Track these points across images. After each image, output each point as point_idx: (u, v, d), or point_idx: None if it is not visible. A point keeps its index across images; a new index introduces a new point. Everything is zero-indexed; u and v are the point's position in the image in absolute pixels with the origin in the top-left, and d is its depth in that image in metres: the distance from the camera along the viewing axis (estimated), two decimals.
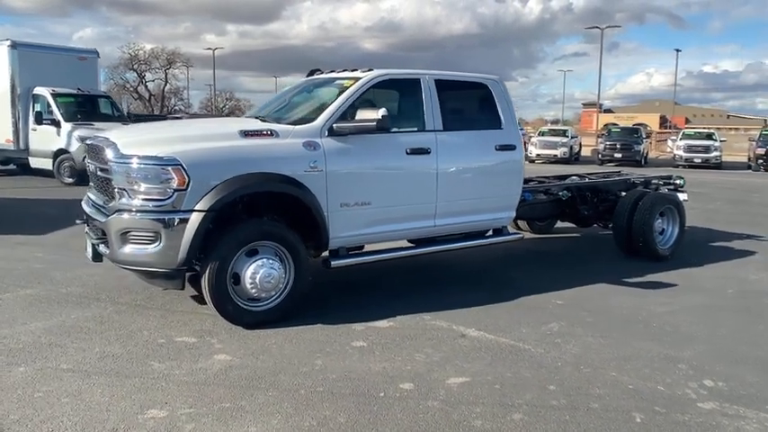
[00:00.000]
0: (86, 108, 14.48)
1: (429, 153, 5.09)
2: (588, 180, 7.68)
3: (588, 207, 7.14)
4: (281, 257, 4.40)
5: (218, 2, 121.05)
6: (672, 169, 20.40)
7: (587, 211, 7.13)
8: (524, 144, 7.88)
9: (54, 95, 13.83)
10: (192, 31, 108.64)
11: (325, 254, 4.83)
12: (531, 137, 27.55)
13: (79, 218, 5.03)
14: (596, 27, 39.41)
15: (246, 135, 4.45)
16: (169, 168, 4.05)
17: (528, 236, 7.34)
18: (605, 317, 4.78)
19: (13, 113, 14.08)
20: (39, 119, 13.78)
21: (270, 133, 4.53)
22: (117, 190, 4.21)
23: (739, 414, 3.23)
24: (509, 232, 5.97)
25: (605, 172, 9.35)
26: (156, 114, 40.85)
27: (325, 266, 4.76)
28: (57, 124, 13.56)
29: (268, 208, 4.57)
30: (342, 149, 4.66)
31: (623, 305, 5.09)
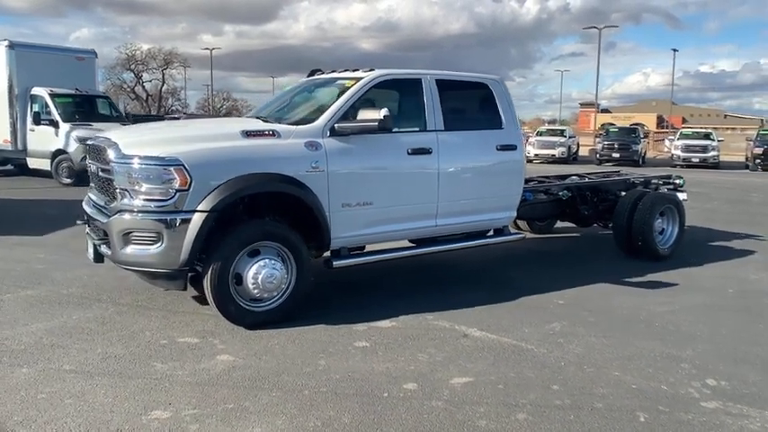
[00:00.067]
0: (84, 108, 14.44)
1: (430, 153, 5.09)
2: (588, 180, 7.69)
3: (588, 207, 7.16)
4: (283, 258, 4.39)
5: (215, 2, 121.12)
6: (670, 169, 20.42)
7: (587, 210, 7.14)
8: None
9: (52, 96, 13.78)
10: (189, 32, 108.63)
11: (327, 254, 4.83)
12: (529, 137, 27.57)
13: (80, 218, 5.02)
14: (594, 27, 39.56)
15: (248, 135, 4.44)
16: (171, 169, 4.04)
17: (528, 236, 7.34)
18: (607, 316, 4.79)
19: (11, 114, 14.04)
20: (37, 119, 13.76)
21: (272, 133, 4.53)
22: (119, 190, 4.20)
23: (743, 413, 3.24)
24: (510, 232, 5.97)
25: (605, 172, 9.36)
26: (154, 115, 40.81)
27: (327, 267, 4.75)
28: (55, 125, 13.53)
29: (269, 208, 4.57)
30: (343, 149, 4.65)
31: (624, 305, 5.10)
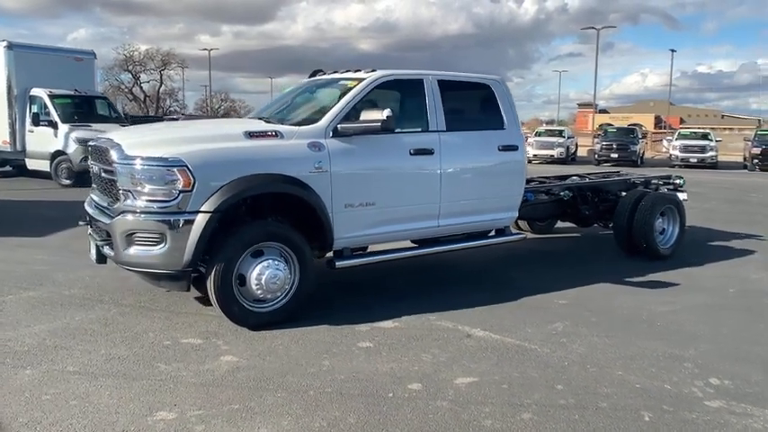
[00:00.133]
0: (83, 109, 14.41)
1: (432, 153, 5.10)
2: (589, 180, 7.70)
3: (589, 207, 7.17)
4: (286, 258, 4.39)
5: (212, 2, 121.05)
6: (668, 169, 20.47)
7: (588, 211, 7.15)
8: None
9: (51, 97, 13.76)
10: (186, 32, 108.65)
11: (330, 255, 4.83)
12: (527, 137, 27.59)
13: (82, 219, 5.01)
14: (592, 27, 39.63)
15: (251, 136, 4.44)
16: (174, 169, 4.04)
17: (529, 236, 7.35)
18: (609, 316, 4.80)
19: (10, 115, 14.02)
20: (36, 120, 13.74)
21: (274, 134, 4.53)
22: (122, 191, 4.19)
23: (746, 412, 3.25)
24: (511, 232, 5.98)
25: (605, 172, 9.37)
26: (152, 116, 40.76)
27: (330, 267, 4.76)
28: (54, 126, 13.49)
29: (272, 209, 4.57)
30: (346, 150, 4.65)
31: (626, 305, 5.11)
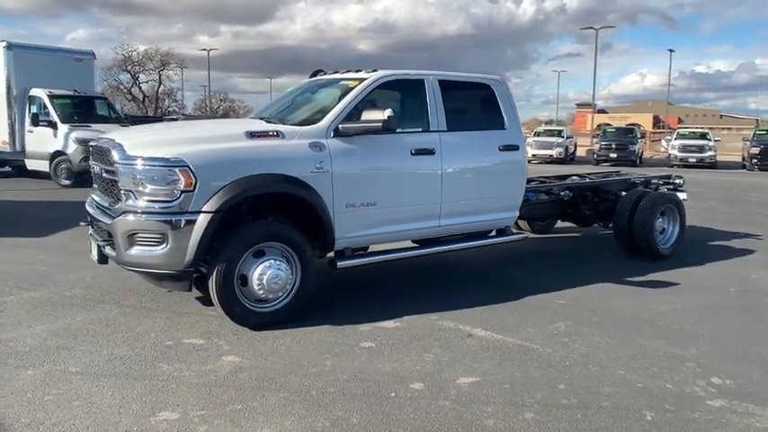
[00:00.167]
0: (83, 109, 14.41)
1: (434, 154, 5.10)
2: (589, 180, 7.71)
3: (589, 207, 7.17)
4: (287, 259, 4.39)
5: (211, 2, 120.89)
6: (667, 169, 20.49)
7: (588, 210, 7.16)
8: None
9: (50, 97, 13.76)
10: (185, 32, 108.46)
11: (331, 255, 4.83)
12: (527, 137, 27.59)
13: (83, 220, 5.01)
14: (591, 28, 39.63)
15: (253, 136, 4.44)
16: (176, 170, 4.04)
17: (529, 236, 7.35)
18: (610, 316, 4.81)
19: (9, 115, 14.01)
20: (35, 120, 13.74)
21: (276, 134, 4.53)
22: (123, 191, 4.19)
23: (748, 411, 3.26)
24: (512, 232, 5.99)
25: (605, 172, 9.38)
26: (152, 116, 40.73)
27: (331, 267, 4.75)
28: (53, 126, 13.49)
29: (273, 209, 4.57)
30: (347, 150, 4.66)
31: (626, 304, 5.12)
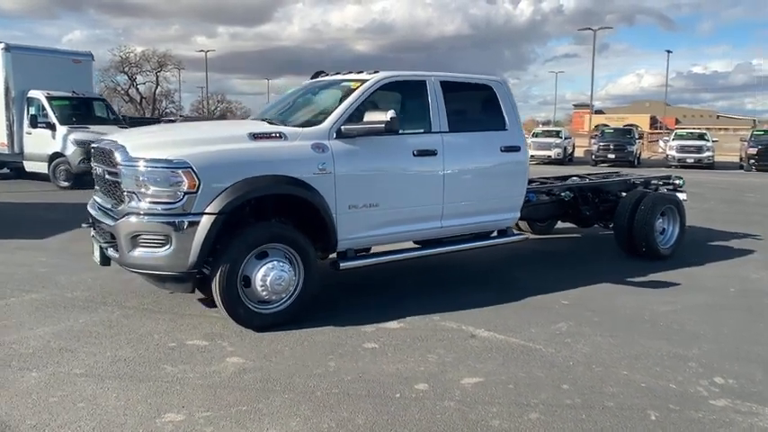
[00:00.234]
0: (81, 111, 14.39)
1: (436, 155, 5.11)
2: (589, 181, 7.72)
3: (590, 207, 7.19)
4: (290, 260, 4.39)
5: (208, 3, 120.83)
6: (666, 169, 20.54)
7: (589, 211, 7.18)
8: None
9: (49, 98, 13.74)
10: (182, 33, 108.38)
11: (333, 256, 4.84)
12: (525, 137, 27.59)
13: (85, 221, 5.01)
14: (589, 28, 39.85)
15: (255, 138, 4.45)
16: (179, 171, 4.04)
17: (530, 237, 7.37)
18: (611, 316, 4.82)
19: (8, 117, 14.00)
20: (33, 122, 13.69)
21: (278, 136, 4.53)
22: (126, 193, 4.19)
23: (752, 411, 3.27)
24: (514, 233, 6.00)
25: (605, 172, 9.41)
26: (149, 117, 40.70)
27: (334, 268, 4.76)
28: (52, 127, 13.47)
29: (276, 210, 4.58)
30: (350, 151, 4.66)
31: (628, 304, 5.13)
